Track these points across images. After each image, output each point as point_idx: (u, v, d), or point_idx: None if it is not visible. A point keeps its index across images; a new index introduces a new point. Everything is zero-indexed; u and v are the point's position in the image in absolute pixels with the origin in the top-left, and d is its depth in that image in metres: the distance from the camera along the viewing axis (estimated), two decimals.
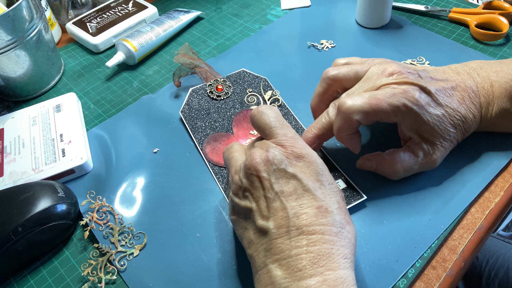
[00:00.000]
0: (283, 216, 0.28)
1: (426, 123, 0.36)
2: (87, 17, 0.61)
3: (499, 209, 0.38)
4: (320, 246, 0.27)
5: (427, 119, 0.36)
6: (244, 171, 0.31)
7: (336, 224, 0.28)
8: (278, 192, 0.29)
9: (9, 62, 0.49)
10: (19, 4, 0.46)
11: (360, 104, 0.35)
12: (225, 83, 0.49)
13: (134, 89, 0.53)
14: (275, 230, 0.28)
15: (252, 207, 0.30)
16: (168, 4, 0.67)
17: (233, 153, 0.35)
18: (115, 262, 0.36)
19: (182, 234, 0.38)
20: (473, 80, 0.39)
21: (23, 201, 0.36)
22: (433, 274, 0.35)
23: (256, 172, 0.30)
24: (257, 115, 0.34)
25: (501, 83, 0.38)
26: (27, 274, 0.37)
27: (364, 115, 0.35)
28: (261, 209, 0.30)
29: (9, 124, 0.47)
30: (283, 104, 0.47)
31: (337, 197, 0.30)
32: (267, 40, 0.58)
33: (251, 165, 0.30)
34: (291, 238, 0.27)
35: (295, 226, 0.28)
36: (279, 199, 0.29)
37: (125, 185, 0.42)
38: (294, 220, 0.28)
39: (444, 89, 0.37)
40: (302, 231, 0.28)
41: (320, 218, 0.28)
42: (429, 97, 0.36)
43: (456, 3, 0.61)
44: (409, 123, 0.36)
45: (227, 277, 0.35)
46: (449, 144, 0.38)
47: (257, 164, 0.30)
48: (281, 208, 0.29)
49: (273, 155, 0.30)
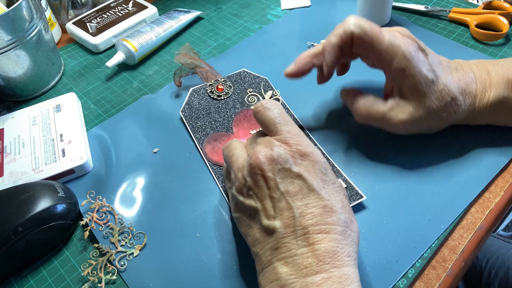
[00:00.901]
0: (289, 216, 0.28)
1: (412, 76, 0.36)
2: (87, 17, 0.61)
3: (499, 209, 0.38)
4: (325, 244, 0.27)
5: (414, 73, 0.36)
6: (248, 169, 0.31)
7: (340, 223, 0.29)
8: (284, 192, 0.29)
9: (9, 62, 0.49)
10: (19, 4, 0.46)
11: (363, 21, 0.37)
12: (225, 83, 0.49)
13: (134, 89, 0.53)
14: (281, 229, 0.28)
15: (258, 206, 0.30)
16: (168, 4, 0.67)
17: (233, 150, 0.34)
18: (115, 262, 0.36)
19: (182, 234, 0.38)
20: (471, 69, 0.39)
21: (23, 201, 0.36)
22: (433, 274, 0.35)
23: (261, 172, 0.30)
24: (262, 111, 0.33)
25: (499, 72, 0.39)
26: (27, 274, 0.37)
27: (361, 31, 0.37)
28: (266, 209, 0.29)
29: (9, 124, 0.47)
30: (283, 104, 0.47)
31: (340, 195, 0.30)
32: (267, 40, 0.58)
33: (255, 164, 0.30)
34: (297, 237, 0.28)
35: (301, 226, 0.28)
36: (285, 199, 0.29)
37: (125, 185, 0.42)
38: (300, 220, 0.28)
39: (441, 62, 0.38)
40: (308, 230, 0.28)
41: (325, 218, 0.28)
42: (425, 59, 0.37)
43: (456, 3, 0.61)
44: (397, 69, 0.37)
45: (227, 277, 0.35)
46: (423, 114, 0.38)
47: (262, 163, 0.30)
48: (287, 208, 0.29)
49: (278, 154, 0.30)
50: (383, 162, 0.41)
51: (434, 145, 0.42)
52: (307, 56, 0.41)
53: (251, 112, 0.46)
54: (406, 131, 0.40)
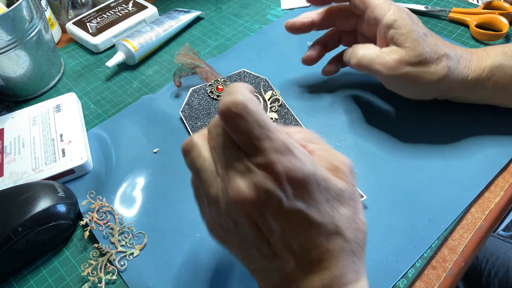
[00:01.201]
0: (289, 254, 0.24)
1: (405, 25, 0.38)
2: (87, 17, 0.61)
3: (499, 209, 0.38)
4: (332, 271, 0.24)
5: (407, 22, 0.38)
6: (227, 208, 0.24)
7: (346, 247, 0.25)
8: (278, 232, 0.24)
9: (9, 62, 0.49)
10: (19, 4, 0.46)
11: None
12: (225, 83, 0.49)
13: (134, 89, 0.53)
14: (281, 266, 0.25)
15: (248, 247, 0.25)
16: (168, 4, 0.67)
17: (198, 163, 0.26)
18: (115, 262, 0.36)
19: (182, 234, 0.38)
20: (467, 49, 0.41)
21: (23, 201, 0.36)
22: (433, 274, 0.35)
23: (245, 216, 0.23)
24: (238, 117, 0.22)
25: (494, 47, 0.41)
26: (27, 274, 0.37)
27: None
28: (260, 250, 0.25)
29: (9, 124, 0.47)
30: (283, 104, 0.47)
31: (345, 210, 0.25)
32: (267, 40, 0.57)
33: (236, 207, 0.23)
34: (305, 272, 0.24)
35: (306, 261, 0.24)
36: (282, 239, 0.24)
37: (125, 185, 0.42)
38: (303, 256, 0.24)
39: (436, 37, 0.39)
40: (312, 263, 0.24)
41: (329, 245, 0.24)
42: (423, 28, 0.39)
43: (456, 3, 0.61)
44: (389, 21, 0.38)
45: (227, 277, 0.35)
46: (414, 59, 0.38)
47: (245, 207, 0.23)
48: (286, 247, 0.24)
49: (264, 192, 0.22)
50: (383, 162, 0.41)
51: (434, 145, 0.42)
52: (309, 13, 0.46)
53: None
54: (397, 75, 0.39)
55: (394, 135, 0.43)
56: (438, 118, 0.45)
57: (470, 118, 0.44)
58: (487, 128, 0.43)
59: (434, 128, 0.44)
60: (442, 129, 0.44)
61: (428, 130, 0.44)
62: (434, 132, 0.43)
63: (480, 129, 0.43)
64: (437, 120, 0.44)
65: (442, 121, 0.44)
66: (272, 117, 0.46)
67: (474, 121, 0.44)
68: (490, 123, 0.44)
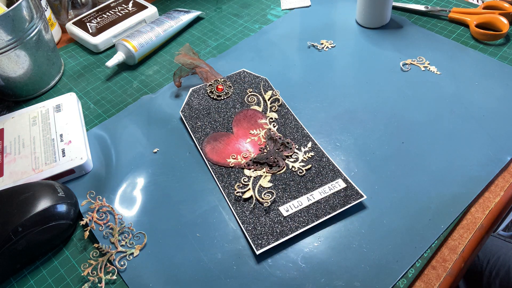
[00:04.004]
0: None
1: None
2: (87, 17, 0.61)
3: (499, 209, 0.38)
4: None
5: None
6: None
7: None
8: None
9: (9, 62, 0.49)
10: (19, 4, 0.46)
11: None
12: (225, 83, 0.49)
13: (134, 89, 0.53)
14: None
15: None
16: (168, 4, 0.67)
17: None
18: (115, 262, 0.36)
19: (182, 234, 0.38)
20: None
21: (23, 201, 0.36)
22: (433, 274, 0.35)
23: None
24: None
25: None
26: (27, 274, 0.37)
27: None
28: None
29: (9, 124, 0.47)
30: (283, 104, 0.47)
31: None
32: (267, 40, 0.58)
33: None
34: None
35: None
36: None
37: (125, 185, 0.42)
38: None
39: None
40: None
41: None
42: None
43: (456, 3, 0.61)
44: None
45: (227, 277, 0.35)
46: None
47: None
48: None
49: None
50: (383, 162, 0.41)
51: (434, 145, 0.42)
52: None
53: (251, 112, 0.46)
54: None
55: (394, 135, 0.43)
56: (438, 118, 0.45)
57: (470, 118, 0.44)
58: (487, 128, 0.43)
59: (434, 128, 0.44)
60: (442, 129, 0.44)
61: (428, 130, 0.44)
62: (434, 132, 0.43)
63: (480, 129, 0.43)
64: (437, 120, 0.44)
65: (442, 121, 0.44)
66: (272, 117, 0.46)
67: (474, 121, 0.44)
68: (490, 123, 0.44)
